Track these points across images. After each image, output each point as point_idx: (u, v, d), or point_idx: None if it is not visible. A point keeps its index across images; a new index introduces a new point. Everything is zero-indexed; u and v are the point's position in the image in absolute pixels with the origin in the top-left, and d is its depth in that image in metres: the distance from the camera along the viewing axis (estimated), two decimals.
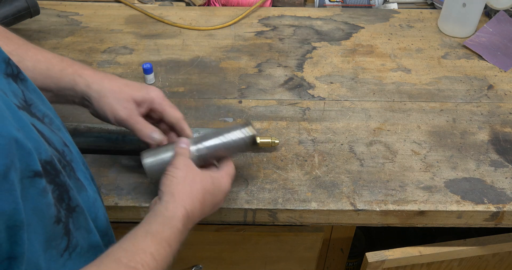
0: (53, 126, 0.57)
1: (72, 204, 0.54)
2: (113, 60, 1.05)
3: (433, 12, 1.22)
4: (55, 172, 0.50)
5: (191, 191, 0.64)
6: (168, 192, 0.63)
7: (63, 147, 0.56)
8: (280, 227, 0.87)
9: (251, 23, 1.17)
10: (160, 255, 0.56)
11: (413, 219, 0.81)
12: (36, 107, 0.55)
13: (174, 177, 0.64)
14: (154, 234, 0.57)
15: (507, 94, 1.00)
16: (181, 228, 0.60)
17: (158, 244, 0.56)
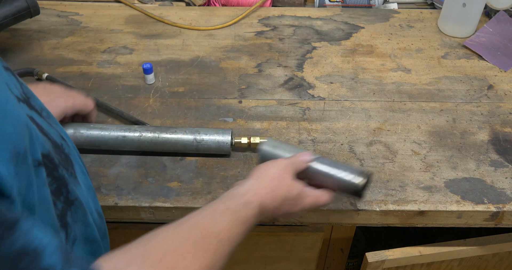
0: (50, 119, 0.58)
1: (71, 197, 0.54)
2: (113, 60, 1.05)
3: (433, 12, 1.22)
4: (52, 165, 0.51)
5: (274, 191, 0.65)
6: (254, 180, 0.66)
7: (61, 140, 0.56)
8: (280, 227, 0.87)
9: (251, 23, 1.17)
10: (234, 231, 0.58)
11: (413, 219, 0.81)
12: (34, 100, 0.56)
13: (267, 171, 0.67)
14: (232, 212, 0.60)
15: (507, 94, 1.00)
16: (255, 214, 0.62)
17: (234, 221, 0.59)
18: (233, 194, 0.64)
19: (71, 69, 1.03)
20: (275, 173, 0.67)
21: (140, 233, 0.56)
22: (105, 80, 1.01)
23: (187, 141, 0.81)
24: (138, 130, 0.82)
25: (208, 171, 0.83)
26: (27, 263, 0.38)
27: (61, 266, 0.40)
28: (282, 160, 0.70)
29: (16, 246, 0.38)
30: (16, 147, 0.42)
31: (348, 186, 0.70)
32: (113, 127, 0.83)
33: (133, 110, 0.94)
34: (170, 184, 0.81)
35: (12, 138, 0.42)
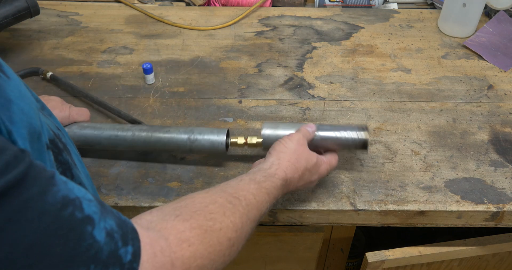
0: (45, 111, 0.58)
1: (76, 181, 0.55)
2: (113, 60, 1.05)
3: (433, 12, 1.22)
4: (57, 150, 0.52)
5: (295, 164, 0.68)
6: (275, 156, 0.69)
7: (57, 130, 0.57)
8: (280, 227, 0.87)
9: (251, 23, 1.17)
10: (259, 198, 0.61)
11: (413, 219, 0.81)
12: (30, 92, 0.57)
13: (285, 146, 0.70)
14: (257, 182, 0.63)
15: (507, 94, 1.00)
16: (279, 186, 0.65)
17: (259, 190, 0.62)
18: (258, 168, 0.67)
19: (71, 69, 1.03)
20: (293, 146, 0.70)
21: None
22: (105, 80, 1.01)
23: (180, 141, 0.79)
24: (131, 129, 0.81)
25: (208, 171, 0.83)
26: (71, 210, 0.40)
27: (100, 214, 0.43)
28: (295, 134, 0.73)
29: (60, 196, 0.40)
30: (32, 125, 0.44)
31: (357, 143, 0.75)
32: (107, 126, 0.82)
33: (133, 110, 0.94)
34: (170, 184, 0.81)
35: (29, 116, 0.43)
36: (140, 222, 0.48)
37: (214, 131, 0.79)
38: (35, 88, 0.98)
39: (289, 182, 0.68)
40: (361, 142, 0.76)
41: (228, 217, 0.54)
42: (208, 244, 0.51)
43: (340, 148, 0.77)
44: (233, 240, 0.54)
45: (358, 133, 0.75)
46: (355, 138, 0.76)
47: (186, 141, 0.79)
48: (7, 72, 0.44)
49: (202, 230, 0.51)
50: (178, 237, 0.48)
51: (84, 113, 0.83)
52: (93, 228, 0.41)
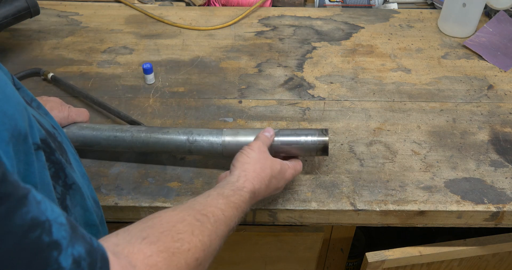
0: (41, 110, 0.58)
1: (69, 181, 0.55)
2: (113, 60, 1.05)
3: (433, 12, 1.22)
4: (50, 150, 0.51)
5: (260, 173, 0.68)
6: (240, 168, 0.69)
7: (53, 129, 0.57)
8: (280, 227, 0.87)
9: (251, 23, 1.17)
10: (228, 213, 0.60)
11: (413, 219, 0.81)
12: (24, 91, 0.56)
13: (248, 157, 0.70)
14: (225, 197, 0.62)
15: (507, 94, 1.00)
16: (248, 199, 0.65)
17: (227, 205, 0.61)
18: (225, 182, 0.66)
19: (71, 69, 1.03)
20: (255, 156, 0.70)
21: None
22: (105, 80, 1.01)
23: (179, 142, 0.79)
24: (130, 130, 0.80)
25: (208, 171, 0.83)
26: (38, 234, 0.39)
27: (68, 240, 0.41)
28: (255, 142, 0.72)
29: (29, 217, 0.38)
30: (17, 127, 0.43)
31: (317, 146, 0.76)
32: (105, 127, 0.81)
33: (133, 110, 0.94)
34: (170, 184, 0.81)
35: (13, 118, 0.42)
36: (107, 245, 0.46)
37: (213, 132, 0.78)
38: (35, 89, 0.98)
39: (257, 193, 0.67)
40: (321, 146, 0.76)
41: (196, 236, 0.53)
42: (175, 267, 0.49)
43: (301, 152, 0.77)
44: (200, 260, 0.53)
45: (319, 137, 0.76)
46: (316, 142, 0.76)
47: (185, 142, 0.78)
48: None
49: (170, 253, 0.49)
50: (146, 262, 0.47)
51: (83, 113, 0.83)
52: (60, 253, 0.39)
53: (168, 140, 0.79)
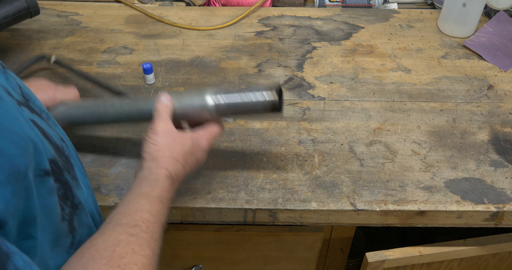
0: (50, 121, 0.58)
1: (76, 202, 0.54)
2: (113, 60, 1.05)
3: (433, 12, 1.22)
4: (59, 170, 0.51)
5: (171, 155, 0.66)
6: (150, 159, 0.66)
7: (61, 142, 0.57)
8: (280, 227, 0.87)
9: (251, 23, 1.17)
10: (155, 211, 0.59)
11: (413, 219, 0.81)
12: (33, 102, 0.55)
13: (154, 144, 0.67)
14: (145, 195, 0.60)
15: (507, 94, 1.00)
16: (168, 187, 0.64)
17: (151, 202, 0.59)
18: (139, 179, 0.64)
19: None
20: (161, 141, 0.67)
21: None
22: (105, 80, 1.00)
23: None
24: (113, 101, 0.78)
25: (208, 171, 0.83)
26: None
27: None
28: (156, 124, 0.68)
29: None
30: (15, 166, 0.42)
31: (261, 107, 0.70)
32: (90, 102, 0.79)
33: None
34: None
35: (11, 156, 0.41)
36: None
37: (194, 94, 0.74)
38: (40, 74, 0.97)
39: (175, 176, 0.66)
40: (270, 104, 0.69)
41: (138, 253, 0.52)
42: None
43: (248, 113, 0.71)
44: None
45: (265, 93, 0.69)
46: (263, 101, 0.69)
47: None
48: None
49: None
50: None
51: (70, 92, 0.80)
52: None
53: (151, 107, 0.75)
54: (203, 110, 0.71)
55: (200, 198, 0.79)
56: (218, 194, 0.80)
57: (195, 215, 0.80)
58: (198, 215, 0.80)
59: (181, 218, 0.80)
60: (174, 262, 0.93)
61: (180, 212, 0.79)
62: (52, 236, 0.49)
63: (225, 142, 0.88)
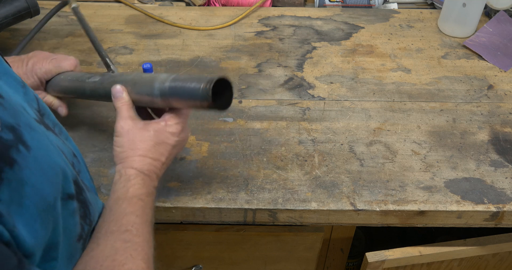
0: (63, 135, 0.58)
1: (92, 219, 0.56)
2: (113, 60, 1.05)
3: (433, 12, 1.22)
4: (79, 190, 0.52)
5: (136, 153, 0.65)
6: (118, 162, 0.66)
7: (73, 158, 0.57)
8: (280, 227, 0.87)
9: (251, 23, 1.17)
10: (138, 211, 0.60)
11: (413, 219, 0.81)
12: (48, 117, 0.56)
13: (118, 146, 0.66)
14: (122, 197, 0.61)
15: (507, 94, 1.00)
16: (141, 184, 0.63)
17: (131, 203, 0.60)
18: (113, 185, 0.64)
19: None
20: (124, 141, 0.65)
21: None
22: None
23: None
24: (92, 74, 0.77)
25: (208, 171, 0.83)
26: None
27: None
28: (117, 123, 0.66)
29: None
30: (45, 199, 0.43)
31: (198, 103, 0.63)
32: (78, 75, 0.79)
33: None
34: (170, 184, 0.81)
35: (42, 190, 0.43)
36: None
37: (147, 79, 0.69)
38: None
39: (148, 171, 0.64)
40: (204, 99, 0.61)
41: (136, 258, 0.54)
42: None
43: (190, 102, 0.64)
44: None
45: (203, 87, 0.61)
46: (197, 87, 0.62)
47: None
48: (28, 142, 0.42)
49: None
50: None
51: (69, 62, 0.81)
52: None
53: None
54: (150, 96, 0.67)
55: (200, 198, 0.79)
56: (218, 194, 0.80)
57: (195, 215, 0.80)
58: (198, 215, 0.80)
59: (181, 218, 0.80)
60: (174, 262, 0.93)
61: (180, 212, 0.79)
62: (67, 255, 0.50)
63: (225, 142, 0.88)
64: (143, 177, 0.64)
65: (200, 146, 0.87)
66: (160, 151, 0.66)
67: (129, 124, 0.67)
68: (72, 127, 0.90)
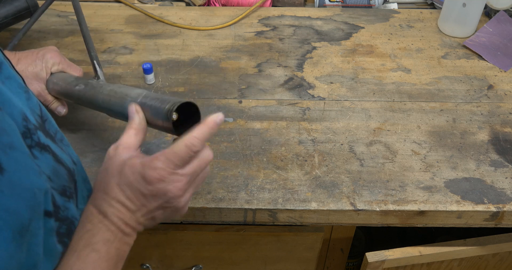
0: (63, 142, 0.57)
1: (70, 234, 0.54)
2: (113, 60, 1.05)
3: (433, 12, 1.22)
4: (55, 208, 0.50)
5: (101, 188, 0.56)
6: None
7: (73, 165, 0.56)
8: (280, 227, 0.87)
9: (251, 23, 1.17)
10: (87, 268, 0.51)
11: (413, 219, 0.81)
12: (50, 123, 0.55)
13: (98, 174, 0.59)
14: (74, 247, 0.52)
15: (507, 94, 1.00)
16: (98, 227, 0.53)
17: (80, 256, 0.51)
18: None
19: None
20: (102, 165, 0.56)
21: (140, 233, 0.56)
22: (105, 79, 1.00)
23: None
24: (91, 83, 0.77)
25: None
26: None
27: None
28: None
29: None
30: (21, 221, 0.42)
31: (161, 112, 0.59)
32: (71, 79, 0.80)
33: None
34: None
35: (17, 213, 0.42)
36: None
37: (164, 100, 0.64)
38: None
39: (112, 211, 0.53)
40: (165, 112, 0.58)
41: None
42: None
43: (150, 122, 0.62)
44: None
45: (171, 104, 0.58)
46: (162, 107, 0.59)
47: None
48: (4, 164, 0.41)
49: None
50: None
51: (76, 68, 0.84)
52: None
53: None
54: (122, 113, 0.64)
55: (200, 198, 0.79)
56: (218, 194, 0.80)
57: (195, 215, 0.80)
58: (198, 215, 0.80)
59: (181, 218, 0.80)
60: (174, 262, 0.93)
61: None
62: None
63: (225, 142, 0.88)
64: (101, 219, 0.53)
65: None
66: (127, 195, 0.54)
67: (118, 151, 0.57)
68: (72, 127, 0.90)
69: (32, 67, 0.79)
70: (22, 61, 0.79)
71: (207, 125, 0.55)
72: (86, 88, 0.76)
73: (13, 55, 0.80)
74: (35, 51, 0.82)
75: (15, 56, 0.80)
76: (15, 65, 0.79)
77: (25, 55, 0.81)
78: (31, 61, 0.80)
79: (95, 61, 0.82)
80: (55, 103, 0.83)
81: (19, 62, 0.79)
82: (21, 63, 0.79)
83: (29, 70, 0.79)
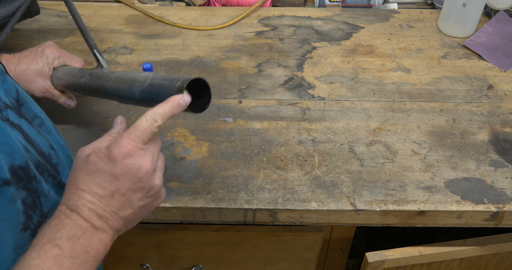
0: (43, 128, 0.57)
1: (44, 210, 0.53)
2: (113, 60, 1.05)
3: (433, 12, 1.22)
4: (27, 177, 0.50)
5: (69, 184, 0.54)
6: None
7: (49, 150, 0.56)
8: (280, 227, 0.87)
9: (251, 23, 1.17)
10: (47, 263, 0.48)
11: (413, 219, 0.81)
12: (27, 108, 0.56)
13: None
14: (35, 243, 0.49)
15: (507, 94, 1.00)
16: (63, 221, 0.51)
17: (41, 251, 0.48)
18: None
19: None
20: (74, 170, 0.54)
21: (140, 233, 0.56)
22: None
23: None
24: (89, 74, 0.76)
25: (208, 171, 0.83)
26: None
27: None
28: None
29: None
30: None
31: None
32: (75, 71, 0.80)
33: (133, 110, 0.94)
34: (170, 184, 0.81)
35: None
36: None
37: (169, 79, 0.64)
38: None
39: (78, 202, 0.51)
40: (178, 90, 0.58)
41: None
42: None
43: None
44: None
45: (180, 82, 0.60)
46: (173, 86, 0.59)
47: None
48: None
49: None
50: None
51: (76, 59, 0.84)
52: None
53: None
54: (131, 100, 0.64)
55: (200, 198, 0.79)
56: (218, 194, 0.80)
57: (195, 215, 0.80)
58: (198, 215, 0.80)
59: (181, 218, 0.80)
60: (174, 262, 0.93)
61: (180, 212, 0.79)
62: (12, 247, 0.48)
63: (225, 142, 0.88)
64: (69, 214, 0.50)
65: (200, 146, 0.87)
66: (97, 182, 0.52)
67: (84, 150, 0.56)
68: (72, 126, 0.90)
69: (34, 65, 0.79)
70: (22, 61, 0.80)
71: (170, 102, 0.56)
72: (92, 79, 0.75)
73: (13, 57, 0.80)
74: (33, 49, 0.82)
75: (14, 58, 0.80)
76: (16, 66, 0.79)
77: (25, 55, 0.81)
78: (32, 60, 0.80)
79: (95, 50, 0.81)
80: (63, 97, 0.83)
81: (19, 62, 0.79)
82: (22, 63, 0.79)
83: (31, 68, 0.79)
